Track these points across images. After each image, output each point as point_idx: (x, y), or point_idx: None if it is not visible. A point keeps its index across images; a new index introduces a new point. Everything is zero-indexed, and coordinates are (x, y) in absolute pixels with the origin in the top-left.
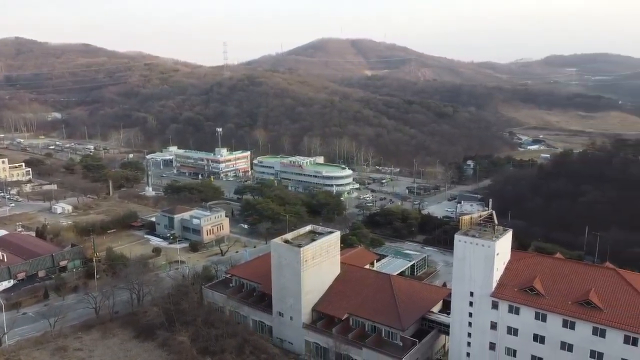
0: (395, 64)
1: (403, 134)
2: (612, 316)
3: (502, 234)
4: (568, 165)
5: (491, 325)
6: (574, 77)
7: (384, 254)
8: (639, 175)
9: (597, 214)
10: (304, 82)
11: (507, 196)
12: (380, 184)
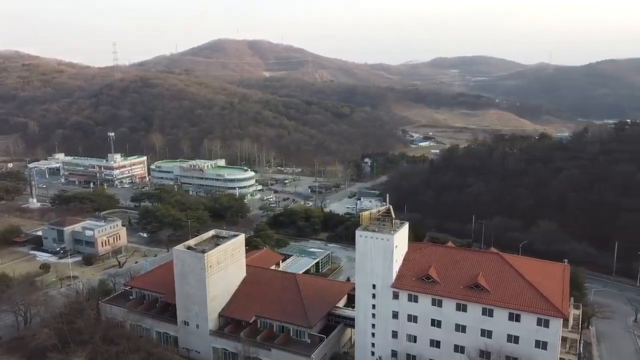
0: (293, 65)
1: (303, 134)
2: (498, 297)
3: (399, 227)
4: (455, 159)
5: (393, 314)
6: (457, 78)
7: (289, 254)
8: (515, 166)
9: (481, 204)
10: (201, 84)
11: (402, 191)
12: (283, 184)
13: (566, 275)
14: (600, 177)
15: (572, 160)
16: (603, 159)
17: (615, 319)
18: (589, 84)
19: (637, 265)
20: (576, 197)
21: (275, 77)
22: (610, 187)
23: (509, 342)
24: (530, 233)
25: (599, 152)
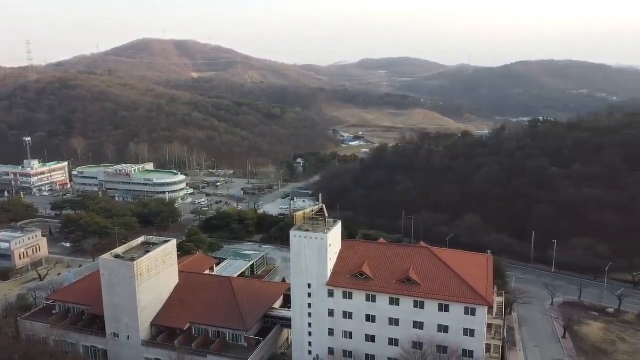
0: (222, 66)
1: (235, 135)
2: (429, 289)
3: (332, 226)
4: (384, 158)
5: (329, 312)
6: (384, 78)
7: (223, 257)
8: (440, 163)
9: (410, 200)
10: (126, 85)
11: (335, 190)
12: (215, 187)
13: (490, 265)
14: (517, 171)
15: (492, 157)
16: (519, 155)
17: (534, 304)
18: (505, 84)
19: (552, 252)
20: (496, 191)
21: (204, 78)
22: (526, 181)
23: (440, 332)
24: (456, 226)
25: (515, 148)
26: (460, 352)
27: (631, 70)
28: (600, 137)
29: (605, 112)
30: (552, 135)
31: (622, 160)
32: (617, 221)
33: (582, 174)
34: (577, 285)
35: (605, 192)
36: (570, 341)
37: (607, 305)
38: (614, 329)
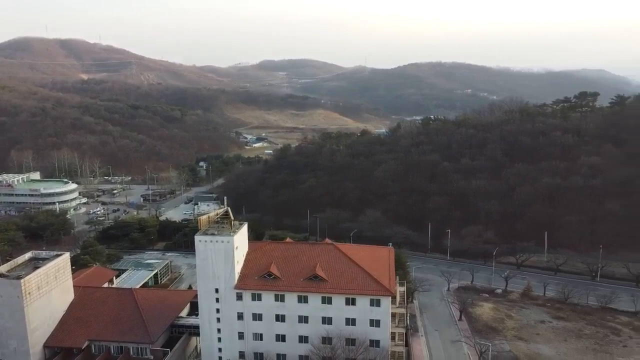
0: (114, 67)
1: (131, 140)
2: (335, 284)
3: (238, 228)
4: (288, 158)
5: (238, 316)
6: (285, 80)
7: (124, 268)
8: (342, 161)
9: (315, 198)
10: (4, 87)
11: (240, 192)
12: (112, 194)
13: (391, 257)
14: (413, 167)
15: (390, 154)
16: (414, 151)
17: (433, 291)
18: (399, 84)
19: (446, 241)
20: (394, 186)
21: (95, 80)
22: (421, 176)
23: (348, 325)
24: (359, 222)
25: (411, 145)
26: (367, 343)
27: (508, 71)
28: (484, 133)
29: (487, 110)
30: (443, 132)
31: (503, 154)
32: (501, 209)
33: (469, 167)
34: (469, 271)
35: (490, 183)
36: (466, 322)
37: (496, 286)
38: (502, 307)
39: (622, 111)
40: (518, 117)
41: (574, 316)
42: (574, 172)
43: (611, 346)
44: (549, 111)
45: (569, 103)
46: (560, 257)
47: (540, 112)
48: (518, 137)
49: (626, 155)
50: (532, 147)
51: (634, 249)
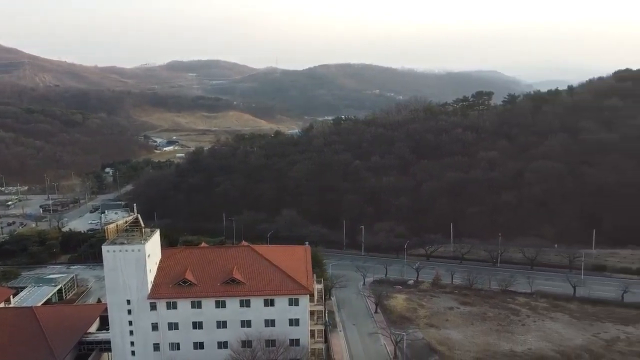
0: (4, 67)
1: (27, 147)
2: (253, 286)
3: (150, 236)
4: (201, 161)
5: (153, 327)
6: (195, 81)
7: (23, 286)
8: (257, 163)
9: (230, 201)
10: None
11: (151, 198)
12: (6, 206)
13: (308, 255)
14: (326, 166)
15: (304, 153)
16: (327, 150)
17: (349, 286)
18: (310, 85)
19: (361, 237)
20: (309, 185)
21: None
22: (335, 174)
23: (267, 327)
24: (275, 222)
25: (324, 144)
26: (287, 343)
27: (412, 72)
28: (392, 132)
29: (394, 109)
30: (353, 132)
31: (410, 151)
32: (410, 204)
33: (380, 165)
34: (383, 264)
35: (399, 179)
36: (381, 314)
37: (408, 278)
38: (414, 297)
39: (513, 109)
40: (423, 116)
41: (478, 301)
42: (474, 166)
43: (512, 326)
44: (450, 110)
45: (467, 102)
46: (464, 247)
47: (443, 111)
48: (423, 135)
49: (517, 149)
50: (436, 144)
51: (528, 235)
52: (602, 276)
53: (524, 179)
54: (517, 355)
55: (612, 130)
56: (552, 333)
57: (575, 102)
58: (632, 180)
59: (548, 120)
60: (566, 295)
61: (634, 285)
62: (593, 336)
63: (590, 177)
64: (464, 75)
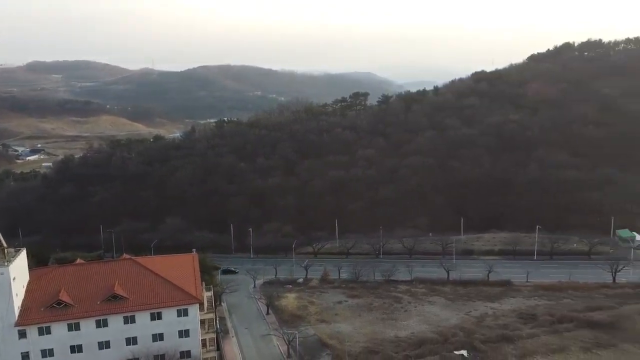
0: None
1: None
2: (138, 301)
3: (14, 256)
4: (72, 170)
5: (22, 357)
6: (61, 83)
7: None
8: (136, 170)
9: (108, 211)
10: None
11: (14, 213)
12: None
13: (195, 263)
14: (211, 169)
15: (186, 158)
16: (211, 154)
17: (240, 290)
18: (190, 87)
19: (249, 240)
20: (193, 190)
21: None
22: (220, 178)
23: (155, 342)
24: (159, 231)
25: (207, 148)
26: (177, 355)
27: (292, 74)
28: (275, 133)
29: (277, 111)
30: (237, 134)
31: (294, 151)
32: (296, 203)
33: (265, 166)
34: (273, 265)
35: (285, 180)
36: (273, 315)
37: (297, 277)
38: (304, 295)
39: (387, 109)
40: (304, 117)
41: (364, 292)
42: (353, 164)
43: (395, 313)
44: (330, 110)
45: (345, 102)
46: (349, 242)
47: (323, 112)
48: (306, 135)
49: (392, 147)
50: (318, 144)
51: (406, 226)
52: (471, 259)
53: (400, 174)
54: (402, 340)
55: (472, 126)
56: (431, 316)
57: (440, 101)
58: (490, 171)
59: (418, 119)
60: (441, 280)
61: (496, 265)
62: (466, 315)
63: (456, 170)
64: (341, 77)
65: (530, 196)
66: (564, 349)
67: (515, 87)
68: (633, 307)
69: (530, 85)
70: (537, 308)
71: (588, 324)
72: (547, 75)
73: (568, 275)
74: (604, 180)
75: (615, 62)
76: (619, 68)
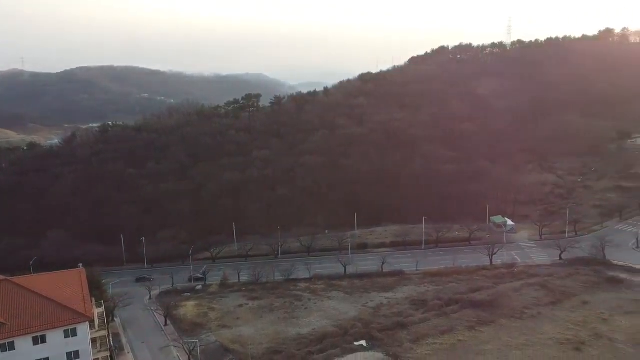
0: None
1: None
2: (17, 325)
3: None
4: None
5: None
6: None
7: None
8: (8, 181)
9: None
10: None
11: None
12: None
13: (83, 279)
14: (97, 177)
15: (67, 166)
16: (95, 161)
17: (135, 303)
18: (69, 89)
19: (142, 250)
20: (77, 201)
21: None
22: (107, 186)
23: None
24: (40, 247)
25: (91, 154)
26: None
27: (181, 75)
28: (166, 137)
29: (166, 113)
30: (124, 139)
31: (187, 155)
32: (192, 208)
33: (156, 172)
34: (169, 274)
35: (178, 184)
36: (172, 326)
37: (196, 284)
38: (204, 302)
39: (280, 110)
40: (196, 120)
41: (265, 294)
42: (249, 165)
43: (296, 311)
44: (223, 112)
45: (238, 104)
46: (248, 244)
47: (215, 114)
48: (199, 138)
49: (287, 147)
50: (212, 147)
51: (303, 224)
52: (365, 253)
53: (295, 173)
54: (304, 337)
55: (362, 125)
56: (331, 310)
57: (330, 101)
58: (379, 167)
59: (310, 119)
60: (339, 275)
61: (389, 257)
62: (363, 306)
63: (348, 167)
64: (233, 78)
65: (416, 189)
66: (452, 330)
67: (399, 87)
68: (507, 285)
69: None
70: (427, 294)
71: (471, 304)
72: (426, 76)
73: (452, 261)
74: (478, 172)
75: (484, 63)
76: (487, 69)
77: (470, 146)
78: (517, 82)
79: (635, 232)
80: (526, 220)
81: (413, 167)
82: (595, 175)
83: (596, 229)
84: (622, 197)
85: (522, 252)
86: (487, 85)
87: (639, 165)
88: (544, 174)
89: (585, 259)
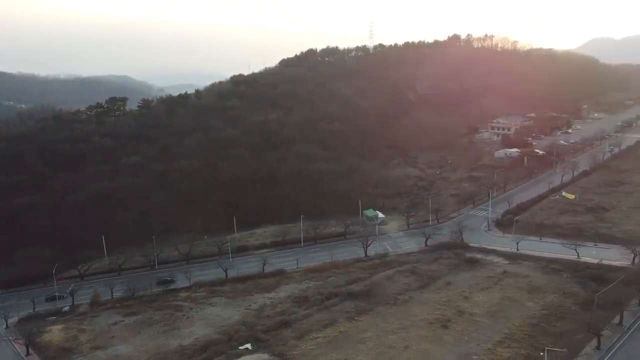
0: None
1: None
2: None
3: None
4: None
5: None
6: None
7: None
8: None
9: None
10: None
11: None
12: None
13: None
14: None
15: None
16: None
17: None
18: None
19: None
20: None
21: None
22: None
23: None
24: None
25: None
26: None
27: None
28: (18, 145)
29: (17, 119)
30: None
31: (44, 165)
32: (53, 223)
33: (8, 185)
34: (29, 298)
35: (35, 197)
36: (36, 355)
37: (62, 305)
38: (73, 324)
39: (149, 113)
40: (54, 126)
41: (142, 308)
42: (118, 173)
43: (177, 322)
44: (84, 117)
45: (102, 108)
46: (120, 257)
47: (76, 119)
48: (58, 146)
49: (159, 151)
50: (74, 154)
51: (181, 232)
52: (246, 255)
53: (169, 179)
54: (186, 348)
55: (236, 127)
56: (214, 317)
57: (203, 104)
58: (256, 168)
59: (182, 122)
60: (220, 280)
61: (270, 257)
62: (246, 309)
63: (224, 170)
64: (95, 81)
65: (292, 188)
66: (334, 322)
67: (271, 88)
68: (381, 274)
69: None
70: (309, 290)
71: (350, 296)
72: (297, 78)
73: (330, 256)
74: (349, 169)
75: (349, 66)
76: (352, 71)
77: (340, 145)
78: (379, 82)
79: (485, 216)
80: (394, 212)
81: (288, 167)
82: (451, 167)
83: (454, 215)
84: (474, 186)
85: (393, 242)
86: (352, 85)
87: (485, 157)
88: (407, 168)
89: (447, 243)
